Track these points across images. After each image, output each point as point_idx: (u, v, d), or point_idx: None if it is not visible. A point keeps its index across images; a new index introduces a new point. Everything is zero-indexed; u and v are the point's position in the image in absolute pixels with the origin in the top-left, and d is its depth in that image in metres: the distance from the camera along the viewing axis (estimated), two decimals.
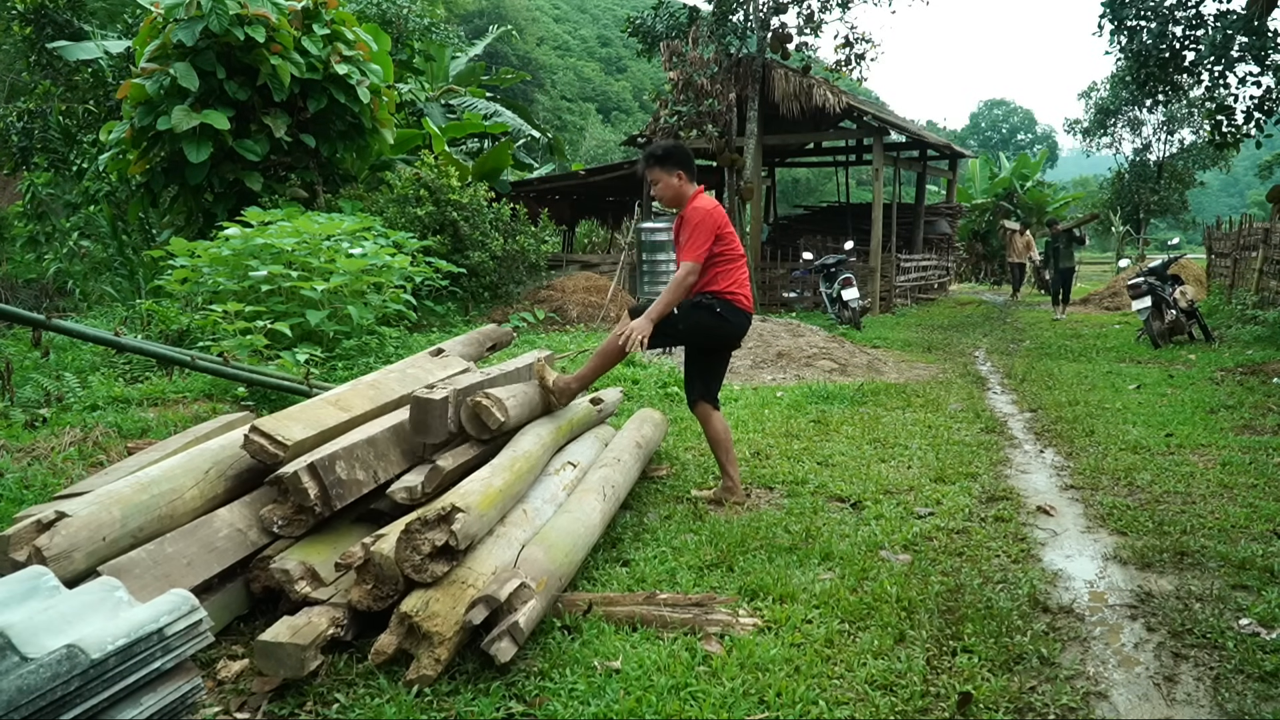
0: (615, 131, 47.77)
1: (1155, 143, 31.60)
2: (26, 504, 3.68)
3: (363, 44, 11.17)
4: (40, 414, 5.17)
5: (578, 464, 3.83)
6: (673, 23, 16.20)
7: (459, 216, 12.09)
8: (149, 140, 10.15)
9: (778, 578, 3.19)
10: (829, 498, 4.31)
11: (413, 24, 16.97)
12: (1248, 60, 11.86)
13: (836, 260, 13.31)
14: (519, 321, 11.85)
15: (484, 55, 24.74)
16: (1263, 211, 27.26)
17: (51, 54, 13.38)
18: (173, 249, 7.23)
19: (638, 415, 4.76)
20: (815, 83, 14.87)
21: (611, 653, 2.62)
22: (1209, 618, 2.88)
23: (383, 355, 7.20)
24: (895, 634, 2.79)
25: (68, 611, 2.10)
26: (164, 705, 2.13)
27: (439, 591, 2.56)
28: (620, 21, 20.93)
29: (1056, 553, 3.60)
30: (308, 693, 2.45)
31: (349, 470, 3.00)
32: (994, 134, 74.27)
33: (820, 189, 47.28)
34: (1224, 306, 12.77)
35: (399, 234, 9.13)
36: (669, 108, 14.60)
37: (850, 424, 5.95)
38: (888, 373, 8.58)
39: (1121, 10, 12.77)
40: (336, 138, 11.24)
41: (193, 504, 2.95)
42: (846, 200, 23.16)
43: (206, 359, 5.11)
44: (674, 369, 8.17)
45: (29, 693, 1.87)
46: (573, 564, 2.98)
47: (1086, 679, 2.57)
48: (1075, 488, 4.53)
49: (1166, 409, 6.28)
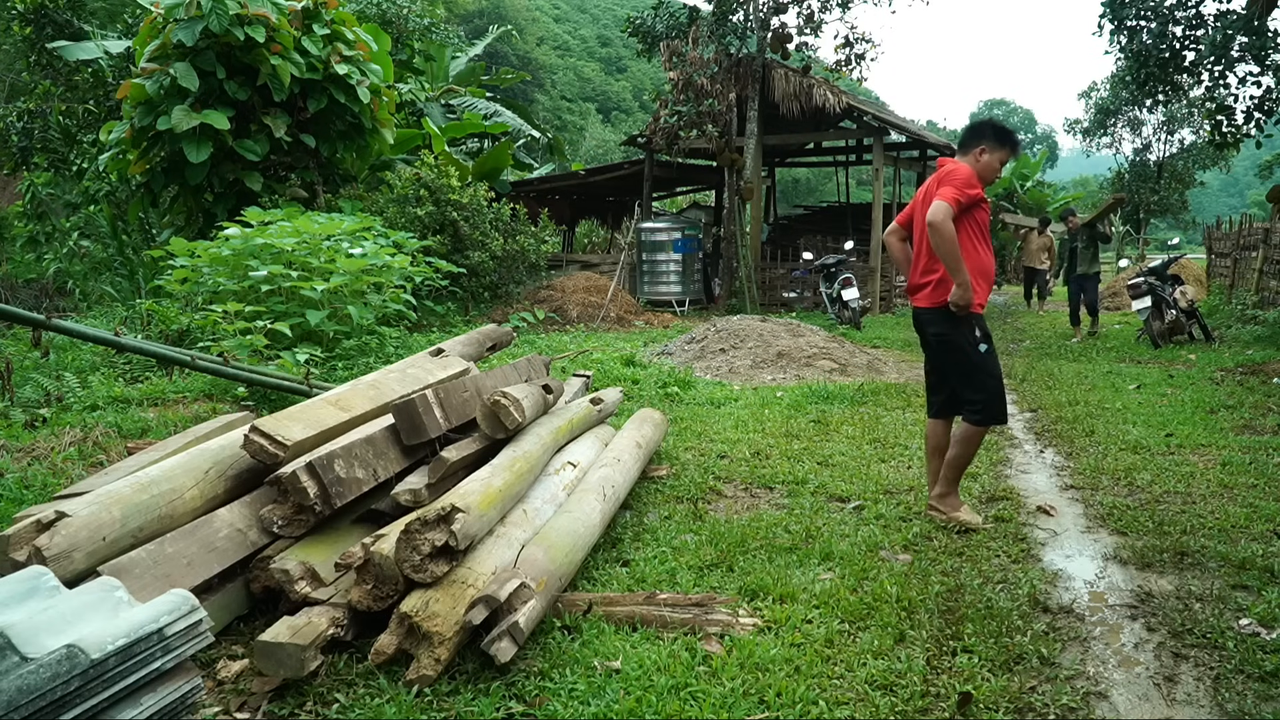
0: (615, 131, 47.75)
1: (1155, 143, 31.59)
2: (26, 504, 3.68)
3: (363, 44, 11.17)
4: (40, 414, 5.17)
5: (578, 464, 3.83)
6: (673, 23, 16.19)
7: (459, 216, 12.09)
8: (149, 140, 10.15)
9: (778, 578, 3.19)
10: (829, 498, 4.31)
11: (413, 24, 16.97)
12: (1248, 60, 11.86)
13: (836, 260, 13.32)
14: (519, 321, 11.85)
15: (484, 55, 24.73)
16: (1263, 211, 27.23)
17: (51, 54, 13.38)
18: (173, 249, 7.23)
19: (638, 415, 4.76)
20: (815, 83, 14.87)
21: (611, 653, 2.62)
22: (1209, 618, 2.89)
23: (383, 355, 7.20)
24: (895, 634, 2.79)
25: (68, 611, 2.10)
26: (164, 705, 2.12)
27: (439, 591, 2.56)
28: (620, 21, 20.93)
29: (1056, 553, 3.60)
30: (308, 693, 2.45)
31: (348, 469, 3.00)
32: None
33: (820, 189, 47.29)
34: (1224, 306, 12.77)
35: (399, 234, 9.14)
36: (669, 108, 14.60)
37: (850, 424, 5.95)
38: (888, 373, 8.58)
39: (1121, 10, 12.78)
40: (336, 138, 11.24)
41: (193, 504, 2.95)
42: (846, 200, 23.16)
43: (206, 359, 5.11)
44: (674, 369, 8.18)
45: (29, 693, 1.87)
46: (573, 564, 2.98)
47: (1086, 679, 2.57)
48: (1075, 488, 4.53)
49: (1166, 409, 6.28)
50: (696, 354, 9.07)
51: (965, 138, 3.95)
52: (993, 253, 3.96)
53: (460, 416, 3.50)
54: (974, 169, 3.81)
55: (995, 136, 3.87)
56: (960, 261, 3.66)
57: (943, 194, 3.68)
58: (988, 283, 3.85)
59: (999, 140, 3.87)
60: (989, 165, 3.85)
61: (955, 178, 3.72)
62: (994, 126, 3.94)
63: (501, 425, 3.45)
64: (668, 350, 9.51)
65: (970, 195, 3.70)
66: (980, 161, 3.85)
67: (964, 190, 3.68)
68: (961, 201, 3.67)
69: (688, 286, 15.79)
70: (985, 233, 3.88)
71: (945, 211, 3.61)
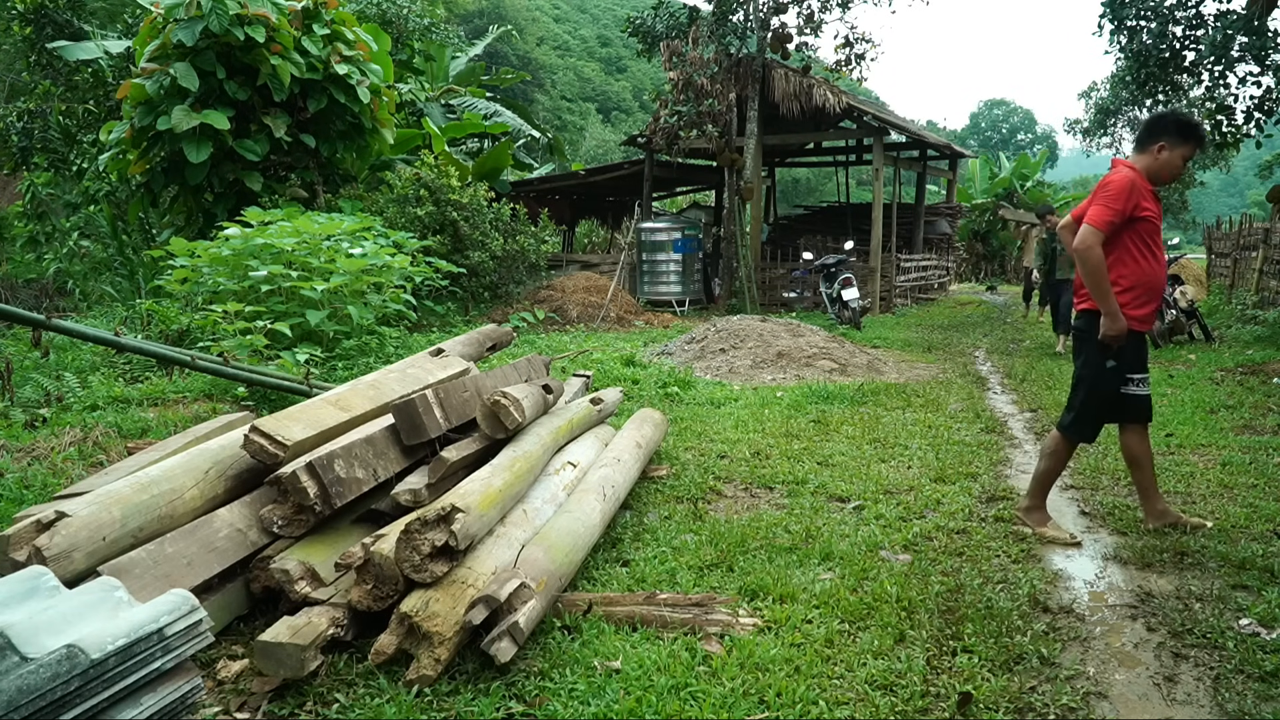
0: (615, 131, 47.74)
1: None
2: (26, 504, 3.68)
3: (363, 44, 11.18)
4: (40, 414, 5.17)
5: (578, 464, 3.83)
6: (673, 23, 16.19)
7: (459, 216, 12.09)
8: (149, 140, 10.16)
9: (778, 578, 3.19)
10: (829, 498, 4.31)
11: (413, 24, 16.97)
12: (1248, 60, 11.86)
13: (836, 260, 13.32)
14: (519, 321, 11.86)
15: (484, 55, 24.73)
16: (1263, 211, 27.22)
17: (51, 54, 13.38)
18: (173, 249, 7.24)
19: (638, 415, 4.76)
20: (815, 83, 14.87)
21: (611, 653, 2.62)
22: (1209, 618, 2.88)
23: (383, 355, 7.21)
24: (895, 634, 2.79)
25: (68, 611, 2.10)
26: (164, 705, 2.13)
27: (439, 591, 2.56)
28: (620, 21, 20.93)
29: (1057, 553, 3.60)
30: (308, 693, 2.45)
31: (348, 468, 3.00)
32: (994, 134, 74.23)
33: (820, 189, 47.26)
34: (1224, 306, 12.77)
35: (399, 234, 9.14)
36: (669, 108, 14.61)
37: (850, 424, 5.95)
38: (888, 373, 8.58)
39: (1121, 10, 12.77)
40: (336, 138, 11.24)
41: (193, 504, 2.95)
42: (846, 200, 23.16)
43: (206, 359, 5.11)
44: (674, 369, 8.18)
45: (29, 693, 1.87)
46: (573, 564, 2.98)
47: (1086, 679, 2.57)
48: (1075, 488, 4.53)
49: (1166, 409, 6.28)
50: (696, 354, 9.07)
51: (1144, 133, 3.60)
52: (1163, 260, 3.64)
53: (460, 416, 3.50)
54: (1150, 167, 3.54)
55: (1178, 131, 3.51)
56: (1107, 292, 3.43)
57: (1092, 215, 3.45)
58: (1154, 297, 3.58)
59: (1182, 135, 3.51)
60: (1168, 163, 3.52)
61: (1107, 192, 3.47)
62: (1177, 120, 3.55)
63: (501, 425, 3.46)
64: (668, 350, 9.51)
65: (1120, 212, 3.44)
66: (1159, 159, 3.53)
67: (1112, 207, 3.44)
68: (1113, 221, 3.44)
69: (688, 286, 15.79)
70: (1153, 240, 3.55)
71: (1092, 238, 3.40)
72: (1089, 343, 3.64)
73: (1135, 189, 3.48)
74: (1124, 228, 3.50)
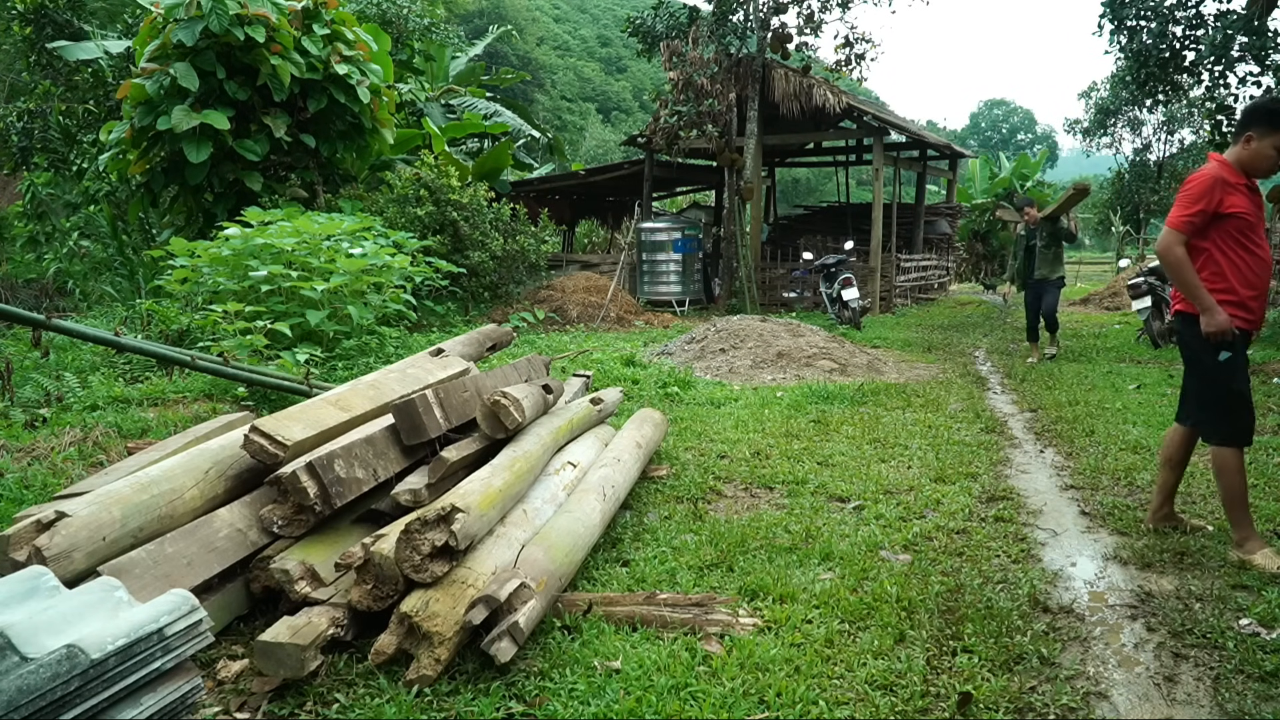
0: (615, 131, 47.76)
1: (1155, 143, 31.57)
2: (26, 504, 3.68)
3: (363, 44, 11.18)
4: (40, 414, 5.17)
5: (578, 464, 3.83)
6: (673, 23, 16.19)
7: (459, 216, 12.09)
8: (149, 140, 10.16)
9: (778, 578, 3.19)
10: (829, 498, 4.31)
11: (413, 24, 16.98)
12: (1248, 60, 11.85)
13: (836, 260, 13.32)
14: (519, 321, 11.86)
15: (484, 55, 24.74)
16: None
17: (51, 54, 13.39)
18: (173, 249, 7.24)
19: (638, 415, 4.76)
20: (815, 83, 14.87)
21: (611, 653, 2.62)
22: (1209, 618, 2.88)
23: (383, 355, 7.21)
24: (895, 634, 2.79)
25: (68, 611, 2.10)
26: (164, 705, 2.13)
27: (439, 591, 2.56)
28: (620, 21, 20.92)
29: (1057, 553, 3.60)
30: (308, 693, 2.45)
31: (348, 468, 3.00)
32: (994, 134, 74.27)
33: (820, 189, 47.29)
34: None
35: (399, 234, 9.14)
36: (669, 108, 14.61)
37: (850, 424, 5.95)
38: (888, 373, 8.58)
39: (1121, 10, 12.76)
40: (336, 138, 11.25)
41: (193, 504, 2.95)
42: (846, 200, 23.16)
43: (206, 359, 5.12)
44: (674, 369, 8.18)
45: (29, 693, 1.87)
46: (573, 564, 2.98)
47: (1086, 679, 2.57)
48: (1075, 488, 4.53)
49: (1167, 409, 6.27)
50: (696, 354, 9.07)
51: (1239, 124, 3.48)
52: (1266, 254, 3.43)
53: (460, 416, 3.50)
54: (1241, 159, 3.42)
55: (1268, 120, 3.36)
56: (1197, 286, 3.33)
57: (1170, 217, 3.38)
58: (1256, 293, 3.41)
59: (1271, 123, 3.35)
60: (1259, 153, 3.38)
61: (1186, 192, 3.38)
62: (1267, 109, 3.40)
63: (501, 425, 3.46)
64: (668, 350, 9.51)
65: (1200, 212, 3.34)
66: (1249, 149, 3.40)
67: (1189, 208, 3.35)
68: (1193, 222, 3.34)
69: (688, 286, 15.80)
70: (1247, 235, 3.39)
71: (1170, 240, 3.34)
72: (1197, 348, 3.48)
73: (1217, 185, 3.36)
74: (1211, 226, 3.39)
